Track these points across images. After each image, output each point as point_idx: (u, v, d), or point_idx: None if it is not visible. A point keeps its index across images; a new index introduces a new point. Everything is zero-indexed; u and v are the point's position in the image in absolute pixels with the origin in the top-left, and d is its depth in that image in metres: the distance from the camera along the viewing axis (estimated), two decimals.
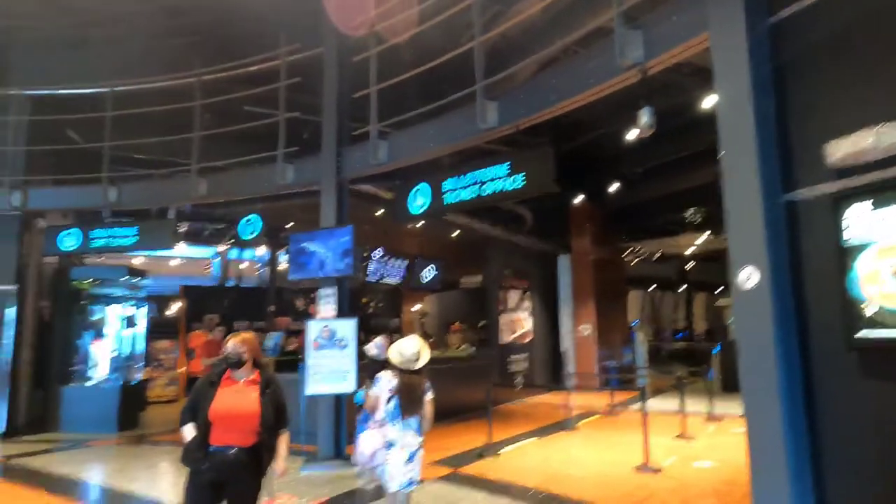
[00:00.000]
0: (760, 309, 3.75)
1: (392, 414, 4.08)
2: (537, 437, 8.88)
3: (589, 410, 11.26)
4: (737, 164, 4.01)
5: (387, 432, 4.10)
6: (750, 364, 3.82)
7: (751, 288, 3.82)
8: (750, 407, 3.85)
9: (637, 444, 8.17)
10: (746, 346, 3.86)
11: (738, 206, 3.97)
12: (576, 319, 15.20)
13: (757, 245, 3.80)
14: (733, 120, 4.05)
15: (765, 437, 3.74)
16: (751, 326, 3.83)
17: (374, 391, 4.22)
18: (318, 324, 7.53)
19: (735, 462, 6.95)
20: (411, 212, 7.17)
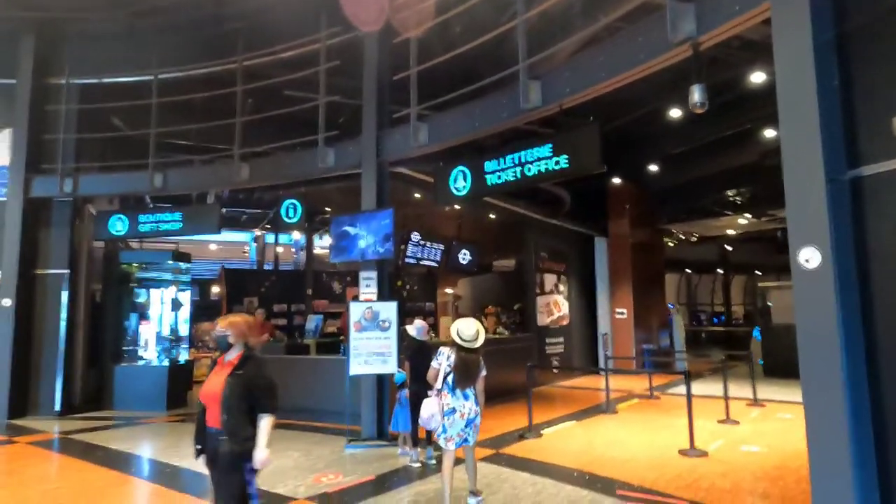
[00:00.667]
0: (822, 291, 3.63)
1: (450, 385, 4.67)
2: (577, 420, 8.86)
3: (628, 394, 11.18)
4: (797, 138, 3.86)
5: (447, 400, 4.66)
6: (810, 349, 3.70)
7: (812, 269, 3.70)
8: (810, 394, 3.75)
9: (680, 427, 8.09)
10: (807, 329, 3.74)
11: (797, 182, 3.83)
12: (613, 303, 15.04)
13: (819, 224, 3.67)
14: (794, 92, 3.89)
15: (827, 427, 3.64)
16: (812, 309, 3.70)
17: (435, 364, 4.75)
18: (360, 305, 7.61)
19: (782, 447, 6.83)
20: (453, 194, 7.15)
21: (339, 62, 8.52)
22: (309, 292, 16.20)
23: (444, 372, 4.68)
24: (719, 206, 16.38)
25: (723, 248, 33.64)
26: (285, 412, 9.04)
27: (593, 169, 5.71)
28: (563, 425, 8.41)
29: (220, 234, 12.39)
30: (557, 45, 6.08)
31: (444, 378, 4.69)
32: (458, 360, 4.64)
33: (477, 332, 4.73)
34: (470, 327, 4.73)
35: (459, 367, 4.63)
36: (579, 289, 14.99)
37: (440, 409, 4.65)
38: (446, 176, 7.25)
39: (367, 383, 7.79)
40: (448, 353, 4.73)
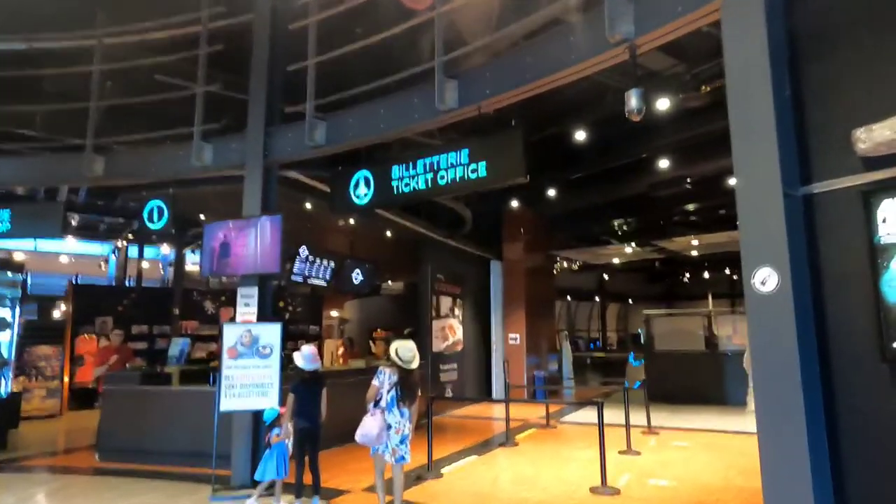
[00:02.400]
0: (780, 315, 3.27)
1: (390, 403, 5.00)
2: (477, 454, 8.21)
3: (524, 423, 10.75)
4: (752, 151, 3.53)
5: (385, 418, 4.98)
6: (767, 376, 3.32)
7: (768, 292, 3.33)
8: (766, 424, 3.35)
9: (584, 460, 7.73)
10: (763, 356, 3.36)
11: (752, 199, 3.49)
12: (506, 328, 14.77)
13: (776, 243, 3.33)
14: (747, 99, 3.58)
15: (786, 461, 3.24)
16: (768, 336, 3.33)
17: (376, 383, 5.07)
18: (237, 328, 6.47)
19: (691, 480, 6.61)
20: (353, 202, 6.31)
21: (221, 47, 7.41)
22: (176, 312, 14.36)
23: (386, 390, 4.99)
24: (607, 235, 16.84)
25: (600, 277, 35.32)
26: (138, 455, 7.62)
27: (515, 178, 5.18)
28: (463, 461, 7.70)
29: (67, 244, 10.50)
30: (479, 41, 5.53)
31: (386, 396, 4.99)
32: (400, 379, 5.00)
33: (414, 354, 5.11)
34: (408, 350, 5.08)
35: (403, 386, 5.00)
36: (473, 313, 14.55)
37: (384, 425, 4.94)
38: (346, 182, 6.41)
39: (241, 420, 6.61)
40: (389, 372, 5.04)
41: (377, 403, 5.03)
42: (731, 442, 9.10)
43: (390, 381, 5.02)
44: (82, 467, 7.66)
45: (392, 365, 5.07)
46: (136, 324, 14.23)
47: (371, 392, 5.06)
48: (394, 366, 5.06)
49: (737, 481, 6.55)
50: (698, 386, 13.75)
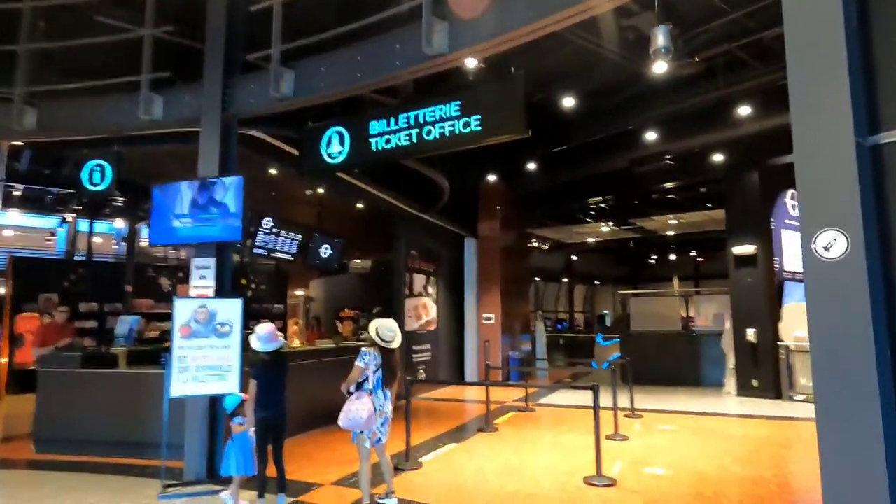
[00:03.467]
0: (850, 286, 2.73)
1: (376, 385, 4.75)
2: (456, 440, 7.65)
3: (501, 406, 10.26)
4: (816, 91, 2.96)
5: (373, 401, 4.71)
6: (832, 361, 2.79)
7: (833, 259, 2.79)
8: (828, 421, 2.82)
9: (571, 445, 7.27)
10: (825, 335, 2.82)
11: (815, 149, 2.91)
12: (481, 307, 14.23)
13: (846, 202, 2.78)
14: (812, 31, 2.99)
15: (855, 463, 2.72)
16: (832, 312, 2.79)
17: (361, 364, 4.75)
18: (190, 303, 5.70)
19: (685, 468, 6.19)
20: (326, 161, 5.57)
21: None
22: (129, 289, 13.34)
23: (372, 371, 4.74)
24: (584, 213, 16.43)
25: (568, 258, 35.29)
26: (79, 446, 6.79)
27: (515, 133, 4.54)
28: (442, 449, 7.13)
29: (10, 217, 9.41)
30: None
31: (373, 378, 4.73)
32: (384, 359, 4.74)
33: (395, 333, 4.85)
34: (389, 329, 4.82)
35: (386, 366, 4.76)
36: (447, 292, 13.96)
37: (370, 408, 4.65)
38: (317, 138, 5.67)
39: (196, 406, 5.87)
40: (373, 353, 4.76)
41: (360, 386, 4.75)
42: (716, 425, 8.79)
43: (375, 361, 4.75)
44: (17, 459, 6.81)
45: (373, 345, 4.78)
46: (84, 301, 13.15)
47: (355, 374, 4.75)
48: (374, 346, 4.77)
49: (733, 469, 6.15)
50: (674, 367, 13.53)
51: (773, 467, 6.21)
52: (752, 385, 11.28)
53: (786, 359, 11.11)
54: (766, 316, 11.34)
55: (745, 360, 11.46)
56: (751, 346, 11.35)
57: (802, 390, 10.80)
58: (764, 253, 11.58)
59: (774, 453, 6.97)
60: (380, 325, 4.82)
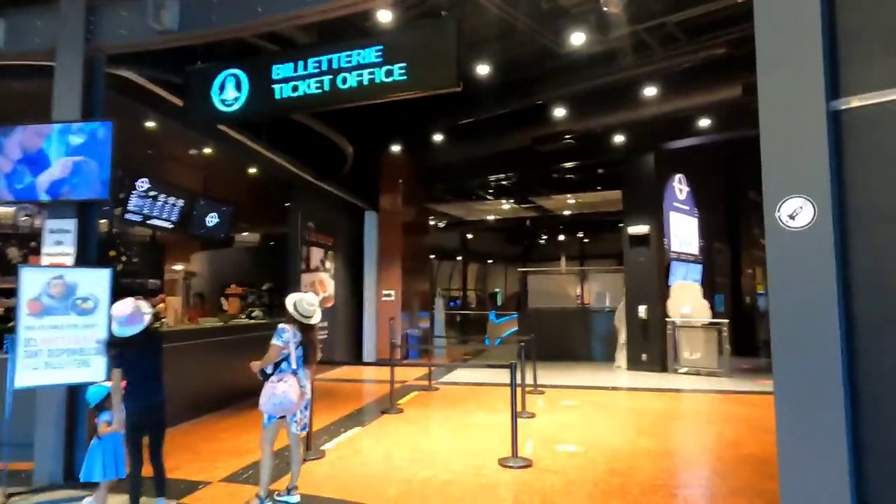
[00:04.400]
0: (816, 257, 2.57)
1: (299, 364, 4.37)
2: (360, 424, 7.16)
3: (403, 385, 9.88)
4: (785, 52, 2.75)
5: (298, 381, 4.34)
6: (793, 333, 2.62)
7: (799, 228, 2.62)
8: (789, 389, 2.66)
9: (480, 425, 7.04)
10: (787, 306, 2.65)
11: (783, 113, 2.73)
12: (380, 283, 13.71)
13: (813, 168, 2.61)
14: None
15: (815, 433, 2.58)
16: (798, 280, 2.62)
17: (279, 343, 4.31)
18: (41, 273, 4.69)
19: (596, 444, 6.15)
20: (219, 110, 4.76)
21: None
22: None
23: (294, 348, 4.33)
24: (486, 190, 16.32)
25: (463, 236, 35.65)
26: None
27: (445, 85, 4.05)
28: (346, 435, 6.61)
29: None
30: None
31: (294, 354, 4.34)
32: (304, 336, 4.38)
33: (315, 308, 4.47)
34: (309, 303, 4.44)
35: (308, 344, 4.42)
36: (346, 267, 13.28)
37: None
38: (207, 82, 4.83)
39: (49, 398, 4.89)
40: (293, 329, 4.35)
41: (278, 367, 4.33)
42: (614, 399, 8.99)
43: (296, 338, 4.34)
44: None
45: (290, 321, 4.37)
46: None
47: (272, 353, 4.32)
48: (292, 321, 4.36)
49: (641, 443, 6.21)
50: (569, 342, 13.89)
51: (676, 439, 6.35)
52: (641, 359, 11.78)
53: (672, 334, 11.69)
54: (656, 293, 11.86)
55: (636, 335, 11.93)
56: (642, 322, 11.83)
57: (685, 363, 11.44)
58: (656, 233, 12.06)
59: (674, 425, 7.19)
60: (298, 298, 4.43)
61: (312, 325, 4.48)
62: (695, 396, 9.17)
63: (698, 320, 11.59)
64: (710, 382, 10.24)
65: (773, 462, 5.50)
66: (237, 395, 8.03)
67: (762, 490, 4.65)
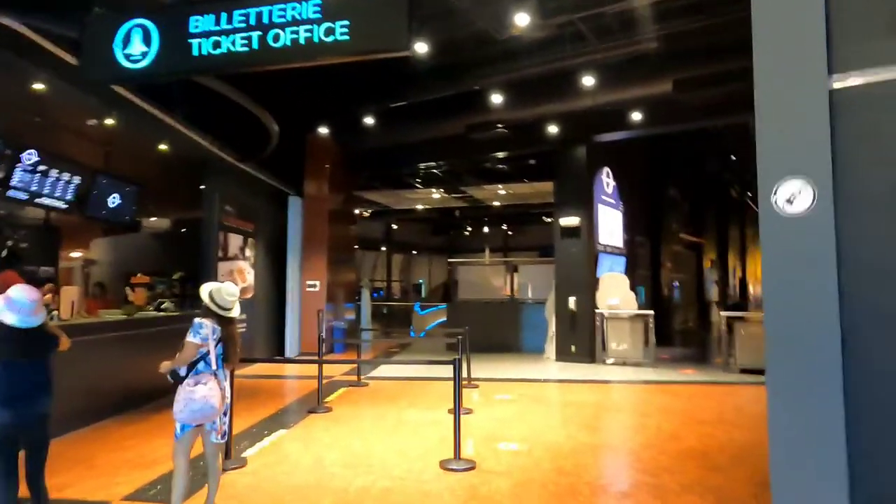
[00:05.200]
0: (817, 245, 2.35)
1: (219, 363, 3.84)
2: (284, 426, 6.57)
3: (330, 381, 9.32)
4: (784, 26, 2.51)
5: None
6: (789, 328, 2.40)
7: (797, 213, 2.39)
8: (784, 387, 2.43)
9: (416, 423, 6.67)
10: (783, 300, 2.42)
11: (782, 88, 2.48)
12: (304, 273, 12.99)
13: (815, 147, 2.39)
14: None
15: (811, 432, 2.36)
16: (796, 271, 2.40)
17: (196, 340, 3.76)
18: None
19: (539, 441, 5.92)
20: (122, 67, 4.04)
21: None
22: None
23: (213, 345, 3.79)
24: (416, 178, 15.90)
25: (388, 226, 35.15)
26: None
27: (393, 48, 3.59)
28: (270, 438, 6.02)
29: None
30: None
31: (214, 352, 3.79)
32: (224, 332, 3.86)
33: (235, 299, 3.94)
34: (229, 293, 3.90)
35: (229, 341, 3.90)
36: (267, 255, 12.45)
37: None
38: (109, 33, 4.08)
39: None
40: (211, 324, 3.81)
41: (193, 368, 3.75)
42: (548, 391, 8.89)
43: (215, 334, 3.79)
44: None
45: (208, 314, 3.83)
46: None
47: (188, 352, 3.75)
48: (210, 315, 3.82)
49: (583, 439, 6.05)
50: (499, 334, 13.77)
51: (617, 434, 6.25)
52: (570, 350, 11.81)
53: (601, 325, 11.80)
54: (585, 285, 11.92)
55: (566, 326, 11.95)
56: (571, 313, 11.86)
57: (613, 354, 11.58)
58: (587, 225, 12.11)
59: (612, 419, 7.11)
60: (216, 288, 3.89)
61: (232, 319, 3.96)
62: (626, 387, 9.23)
63: (626, 311, 11.75)
64: (638, 373, 10.39)
65: (713, 455, 5.51)
66: (143, 396, 7.21)
67: (711, 486, 4.56)
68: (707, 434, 6.14)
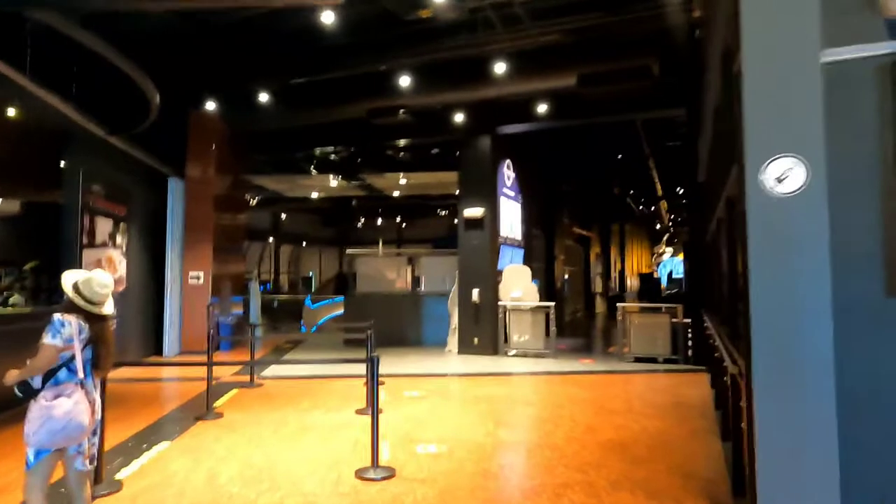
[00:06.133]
0: (808, 226, 2.17)
1: (87, 371, 3.13)
2: (167, 437, 5.71)
3: (219, 382, 8.40)
4: None
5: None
6: (777, 316, 2.20)
7: (787, 193, 2.19)
8: (770, 378, 2.23)
9: (322, 427, 6.11)
10: (771, 286, 2.22)
11: (772, 63, 2.28)
12: (186, 264, 11.76)
13: (807, 123, 2.20)
14: None
15: (805, 428, 2.18)
16: (784, 256, 2.20)
17: (57, 342, 2.99)
18: None
19: (457, 440, 5.60)
20: None
21: None
22: None
23: (80, 350, 3.05)
24: (310, 163, 14.99)
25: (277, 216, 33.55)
26: None
27: None
28: (150, 454, 5.16)
29: None
30: None
31: (81, 357, 3.06)
32: (93, 332, 3.12)
33: (107, 292, 3.22)
34: (101, 282, 3.18)
35: (100, 342, 3.16)
36: (143, 243, 11.09)
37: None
38: None
39: None
40: (77, 322, 3.06)
41: (51, 377, 3.01)
42: (458, 387, 8.63)
43: (82, 335, 3.07)
44: None
45: (72, 309, 3.11)
46: None
47: (45, 357, 2.98)
48: (74, 310, 3.11)
49: (501, 435, 5.82)
50: (399, 328, 13.38)
51: (534, 429, 6.08)
52: (473, 343, 11.67)
53: (503, 317, 11.77)
54: (489, 277, 11.82)
55: (469, 319, 11.78)
56: (475, 305, 11.71)
57: (515, 346, 11.60)
58: (490, 217, 12.00)
59: (526, 413, 6.96)
60: (83, 279, 3.18)
61: (105, 316, 3.25)
62: (532, 379, 9.20)
63: (528, 303, 11.81)
64: (540, 364, 10.45)
65: (631, 446, 5.47)
66: None
67: (638, 480, 4.46)
68: (620, 425, 6.14)
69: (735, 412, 3.50)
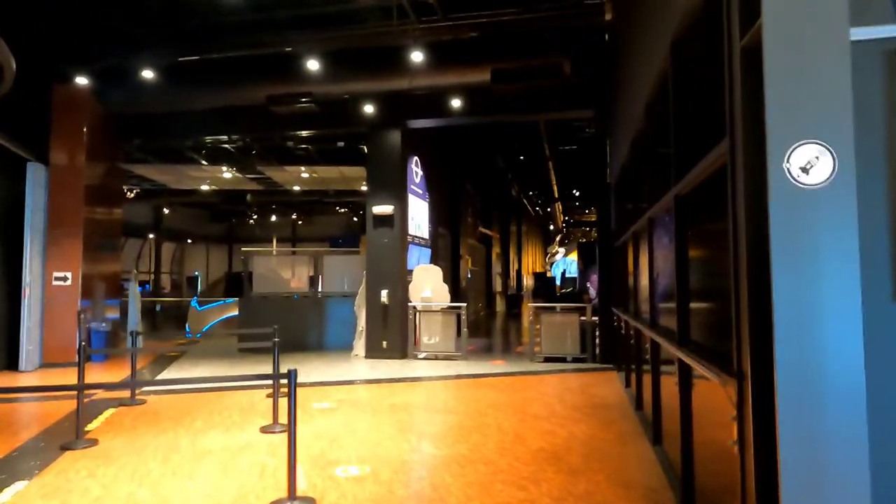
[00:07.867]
0: (838, 222, 1.91)
1: None
2: (25, 476, 4.67)
3: (91, 401, 7.24)
4: None
5: None
6: (803, 319, 1.92)
7: (816, 185, 1.92)
8: (794, 389, 1.95)
9: (222, 450, 5.36)
10: (796, 286, 1.94)
11: (797, 40, 1.99)
12: (50, 262, 10.19)
13: (836, 106, 1.94)
14: None
15: (831, 441, 1.92)
16: (810, 254, 1.93)
17: None
18: None
19: (379, 460, 5.06)
20: None
21: None
22: None
23: None
24: (198, 152, 13.64)
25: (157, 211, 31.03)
26: None
27: None
28: (2, 497, 4.14)
29: None
30: None
31: None
32: None
33: None
34: None
35: None
36: None
37: None
38: None
39: None
40: None
41: None
42: (370, 395, 8.04)
43: None
44: None
45: None
46: None
47: None
48: None
49: (428, 450, 5.36)
50: (300, 331, 12.54)
51: (462, 441, 5.67)
52: (381, 346, 11.13)
53: (413, 319, 11.33)
54: (398, 277, 11.32)
55: (377, 321, 11.22)
56: (383, 307, 11.17)
57: (425, 348, 11.20)
58: (400, 215, 11.52)
59: (448, 423, 6.52)
60: None
61: None
62: (447, 383, 8.83)
63: (438, 304, 11.45)
64: (452, 367, 10.12)
65: (564, 456, 5.21)
66: None
67: (580, 494, 4.19)
68: (547, 431, 5.91)
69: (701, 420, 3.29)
